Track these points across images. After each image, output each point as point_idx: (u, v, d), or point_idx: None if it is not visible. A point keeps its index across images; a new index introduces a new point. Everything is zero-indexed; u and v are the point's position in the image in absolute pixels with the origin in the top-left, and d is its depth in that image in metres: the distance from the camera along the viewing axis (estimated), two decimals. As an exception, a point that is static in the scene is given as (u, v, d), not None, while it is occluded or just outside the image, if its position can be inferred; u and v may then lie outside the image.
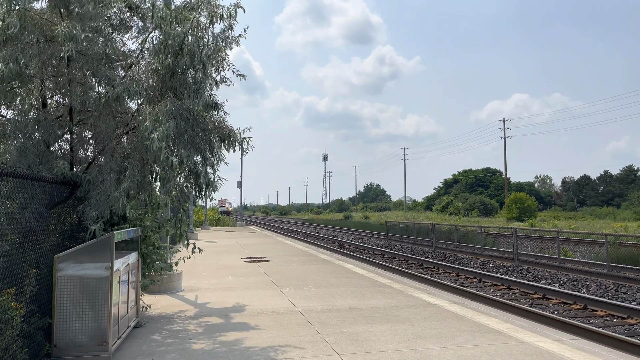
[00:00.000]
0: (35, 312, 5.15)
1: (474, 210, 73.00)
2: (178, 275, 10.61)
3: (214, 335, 6.82)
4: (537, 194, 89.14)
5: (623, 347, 7.73)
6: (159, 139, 5.49)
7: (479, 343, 6.21)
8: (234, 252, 19.26)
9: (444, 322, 7.35)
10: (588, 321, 10.18)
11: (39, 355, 5.16)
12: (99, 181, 6.25)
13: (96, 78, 6.04)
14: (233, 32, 6.91)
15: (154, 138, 5.49)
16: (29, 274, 5.04)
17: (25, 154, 5.90)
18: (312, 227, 57.13)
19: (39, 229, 5.33)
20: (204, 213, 44.30)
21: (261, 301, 9.10)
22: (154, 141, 5.48)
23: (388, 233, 33.50)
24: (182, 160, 6.13)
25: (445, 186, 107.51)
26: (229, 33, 6.90)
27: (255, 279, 11.91)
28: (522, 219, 55.90)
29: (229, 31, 6.88)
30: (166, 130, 5.60)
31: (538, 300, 12.51)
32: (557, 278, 15.54)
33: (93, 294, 5.50)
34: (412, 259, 21.26)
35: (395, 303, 8.77)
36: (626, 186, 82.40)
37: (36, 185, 5.31)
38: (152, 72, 6.57)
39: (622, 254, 17.60)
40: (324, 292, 9.97)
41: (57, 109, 6.69)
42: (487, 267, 18.67)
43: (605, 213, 62.95)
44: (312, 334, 6.76)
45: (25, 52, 5.38)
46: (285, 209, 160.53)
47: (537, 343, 6.19)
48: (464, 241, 25.53)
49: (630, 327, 9.75)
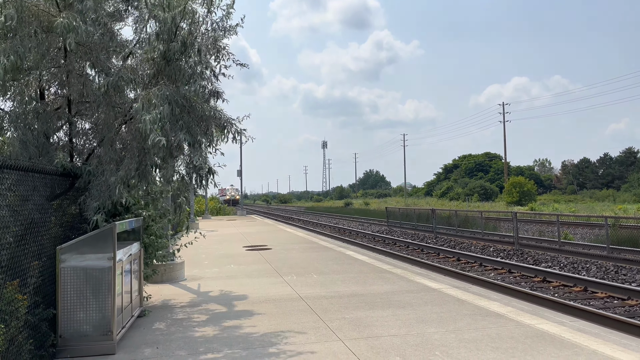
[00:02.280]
0: (39, 303, 5.18)
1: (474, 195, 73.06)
2: (180, 265, 10.66)
3: (217, 323, 6.87)
4: (537, 177, 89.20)
5: (623, 328, 7.79)
6: (151, 121, 5.46)
7: (480, 326, 6.26)
8: (236, 240, 19.32)
9: (445, 306, 7.40)
10: (588, 303, 10.25)
11: (44, 346, 5.20)
12: (99, 172, 6.26)
13: (95, 69, 6.02)
14: (231, 21, 6.87)
15: (146, 120, 5.47)
16: (32, 265, 5.07)
17: (25, 145, 5.91)
18: (313, 215, 57.25)
19: (41, 221, 5.35)
20: (204, 203, 44.41)
21: (263, 289, 9.16)
22: (146, 123, 5.45)
23: (388, 219, 33.58)
24: (173, 146, 6.12)
25: (445, 171, 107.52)
26: (226, 22, 6.86)
27: (257, 266, 11.97)
28: (522, 203, 55.97)
29: (226, 19, 6.84)
30: (159, 113, 5.56)
31: (538, 283, 12.58)
32: (557, 261, 15.61)
33: (96, 284, 5.54)
34: (412, 245, 21.34)
35: (397, 288, 8.83)
36: (626, 168, 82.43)
37: (37, 177, 5.32)
38: (148, 60, 6.55)
39: (622, 236, 17.65)
40: (325, 278, 10.02)
41: (55, 100, 6.67)
42: (487, 252, 18.75)
43: (605, 196, 63.03)
44: (314, 320, 6.81)
45: (24, 44, 5.36)
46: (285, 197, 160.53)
47: (538, 325, 6.24)
48: (464, 226, 25.58)
49: (631, 309, 9.82)
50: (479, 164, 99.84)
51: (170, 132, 6.13)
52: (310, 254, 14.18)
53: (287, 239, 19.61)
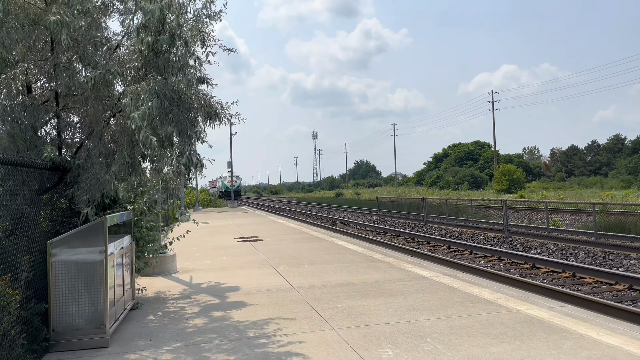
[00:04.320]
0: (31, 297, 5.17)
1: (464, 184, 73.54)
2: (172, 257, 10.65)
3: (210, 314, 6.89)
4: (526, 165, 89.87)
5: (611, 313, 7.92)
6: (140, 117, 5.42)
7: (471, 313, 6.34)
8: (227, 232, 19.32)
9: (437, 294, 7.48)
10: (577, 288, 10.40)
11: (37, 340, 5.20)
12: (89, 165, 6.22)
13: (83, 62, 5.96)
14: (215, 7, 6.82)
15: (134, 117, 5.43)
16: (22, 260, 5.05)
17: (13, 139, 5.85)
18: (304, 206, 57.32)
19: (31, 215, 5.32)
20: (195, 195, 44.28)
21: (256, 280, 9.19)
22: (135, 120, 5.42)
23: (379, 209, 33.72)
24: (164, 140, 6.10)
25: (435, 160, 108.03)
26: (210, 8, 6.81)
27: (249, 258, 11.99)
28: (512, 190, 56.42)
29: (210, 5, 6.79)
30: (148, 109, 5.52)
31: (528, 269, 12.73)
32: (546, 247, 15.79)
33: (88, 278, 5.53)
34: (403, 234, 21.47)
35: (389, 277, 8.90)
36: (613, 155, 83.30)
37: (26, 171, 5.29)
38: (136, 52, 6.49)
39: (609, 222, 17.89)
40: (317, 268, 10.07)
41: (43, 94, 6.61)
42: (477, 239, 18.91)
43: (592, 182, 63.70)
44: (307, 310, 6.85)
45: (10, 36, 5.29)
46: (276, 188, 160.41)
47: (527, 311, 6.33)
48: (455, 214, 25.77)
49: (618, 293, 9.97)
50: (469, 153, 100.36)
51: (160, 126, 6.10)
52: (302, 245, 14.22)
53: (278, 230, 19.64)
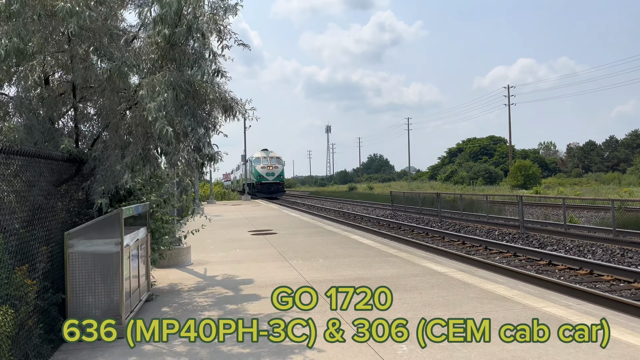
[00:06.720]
0: (48, 288, 5.22)
1: (478, 179, 72.93)
2: (187, 249, 10.71)
3: (224, 306, 6.91)
4: (542, 161, 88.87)
5: (629, 311, 7.79)
6: (155, 109, 5.43)
7: (487, 310, 6.27)
8: (241, 225, 19.38)
9: (452, 290, 7.41)
10: (594, 286, 10.25)
11: (53, 330, 5.25)
12: (105, 157, 6.25)
13: (99, 54, 5.97)
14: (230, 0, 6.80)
15: (150, 108, 5.43)
16: (40, 251, 5.09)
17: (31, 131, 5.90)
18: (317, 200, 57.31)
19: (48, 207, 5.36)
20: (209, 188, 44.56)
21: (269, 273, 9.19)
22: (151, 111, 5.42)
23: (393, 203, 33.58)
24: (179, 132, 6.09)
25: (450, 155, 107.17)
26: (227, 1, 6.78)
27: (263, 251, 12.01)
28: (527, 186, 55.85)
29: None
30: (164, 100, 5.52)
31: (544, 266, 12.59)
32: (563, 244, 15.60)
33: (104, 269, 5.56)
34: (417, 229, 21.36)
35: (403, 272, 8.84)
36: (632, 151, 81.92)
37: (43, 163, 5.32)
38: (153, 44, 6.50)
39: (628, 219, 17.59)
40: (331, 263, 10.05)
41: (60, 86, 6.65)
42: (492, 235, 18.75)
43: (610, 178, 62.75)
44: (320, 303, 6.83)
45: (27, 27, 5.31)
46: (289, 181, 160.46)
47: (544, 308, 6.24)
48: (469, 210, 25.56)
49: (637, 291, 9.81)
50: (484, 148, 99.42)
51: (175, 117, 6.10)
52: (315, 238, 14.21)
53: (292, 223, 19.66)
